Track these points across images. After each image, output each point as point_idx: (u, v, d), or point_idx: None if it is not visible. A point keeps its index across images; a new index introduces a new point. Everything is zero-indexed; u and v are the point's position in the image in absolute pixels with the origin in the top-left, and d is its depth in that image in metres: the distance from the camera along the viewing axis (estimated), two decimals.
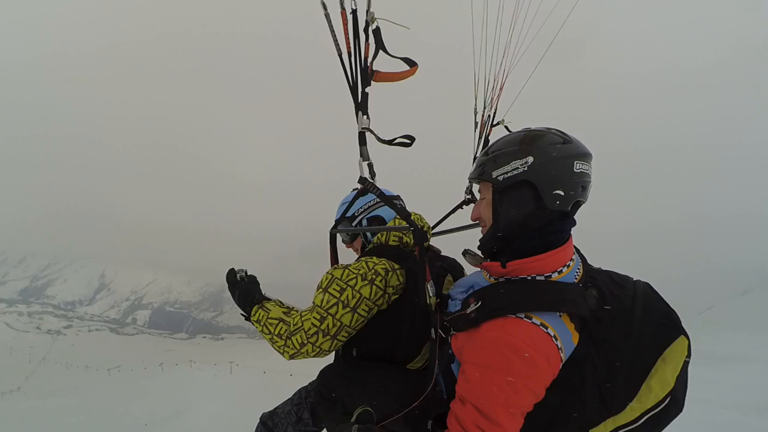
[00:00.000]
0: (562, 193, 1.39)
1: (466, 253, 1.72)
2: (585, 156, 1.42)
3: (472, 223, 2.53)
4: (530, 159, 1.39)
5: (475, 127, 2.67)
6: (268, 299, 2.00)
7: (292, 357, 1.78)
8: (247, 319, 1.98)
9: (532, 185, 1.40)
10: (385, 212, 2.10)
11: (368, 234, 2.12)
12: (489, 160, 1.49)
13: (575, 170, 1.39)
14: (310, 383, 2.33)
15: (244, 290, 2.01)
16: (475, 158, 2.60)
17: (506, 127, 2.58)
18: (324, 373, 1.98)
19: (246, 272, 2.09)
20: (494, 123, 2.61)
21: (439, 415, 1.55)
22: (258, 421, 2.34)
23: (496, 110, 2.62)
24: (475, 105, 2.66)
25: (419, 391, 1.61)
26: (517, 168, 1.41)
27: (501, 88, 2.60)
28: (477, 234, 1.64)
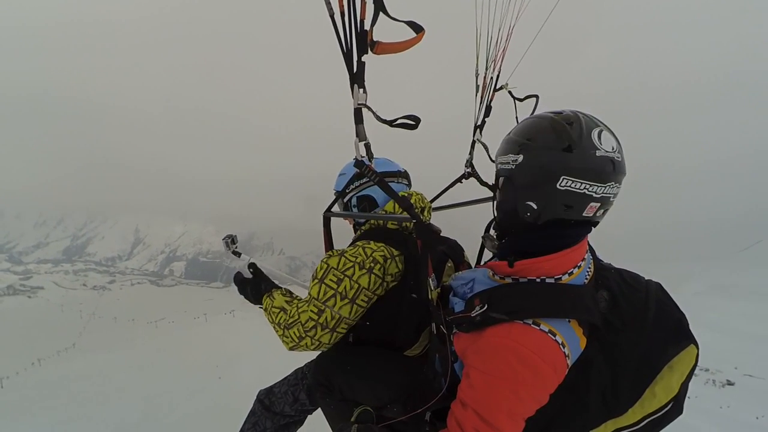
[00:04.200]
0: (535, 206, 1.29)
1: (486, 237, 1.62)
2: (584, 173, 1.22)
3: (473, 199, 2.40)
4: (520, 158, 1.30)
5: (476, 90, 2.45)
6: (278, 287, 1.97)
7: (291, 349, 1.75)
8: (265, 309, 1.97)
9: (515, 186, 1.33)
10: (377, 192, 1.95)
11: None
12: (503, 142, 1.42)
13: (559, 187, 1.23)
14: (306, 364, 2.30)
15: (254, 286, 2.00)
16: (475, 126, 2.44)
17: (510, 93, 2.36)
18: (321, 358, 1.94)
19: (235, 238, 2.20)
20: (497, 87, 2.39)
21: (439, 409, 1.53)
22: (255, 398, 2.33)
23: (499, 72, 2.38)
24: (476, 66, 2.43)
25: (427, 395, 1.55)
26: (508, 163, 1.34)
27: (505, 47, 2.35)
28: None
